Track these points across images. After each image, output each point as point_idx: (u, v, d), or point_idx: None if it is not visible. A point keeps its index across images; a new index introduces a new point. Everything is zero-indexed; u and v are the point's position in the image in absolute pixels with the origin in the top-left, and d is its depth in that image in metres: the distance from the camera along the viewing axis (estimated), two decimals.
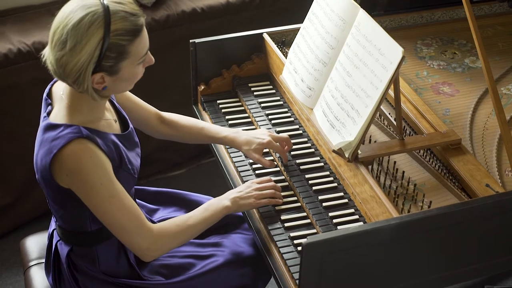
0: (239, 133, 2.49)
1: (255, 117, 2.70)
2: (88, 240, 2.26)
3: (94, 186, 2.06)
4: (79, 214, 2.20)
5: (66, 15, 1.99)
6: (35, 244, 2.57)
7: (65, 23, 1.98)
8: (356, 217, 2.26)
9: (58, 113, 2.12)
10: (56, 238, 2.34)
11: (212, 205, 2.29)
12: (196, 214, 2.26)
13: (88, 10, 1.97)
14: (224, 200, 2.30)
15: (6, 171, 3.49)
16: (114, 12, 1.98)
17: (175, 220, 2.24)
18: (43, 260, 2.49)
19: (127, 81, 2.11)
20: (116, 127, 2.23)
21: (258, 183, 2.36)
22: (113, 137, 2.16)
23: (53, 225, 2.39)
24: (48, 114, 2.13)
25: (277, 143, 2.47)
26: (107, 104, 2.25)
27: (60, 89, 2.18)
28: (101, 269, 2.29)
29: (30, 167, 3.47)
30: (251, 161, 2.54)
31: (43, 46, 3.33)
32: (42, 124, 2.12)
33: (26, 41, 3.35)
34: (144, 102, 2.49)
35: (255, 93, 2.82)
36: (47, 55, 2.05)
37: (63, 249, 2.30)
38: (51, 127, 2.08)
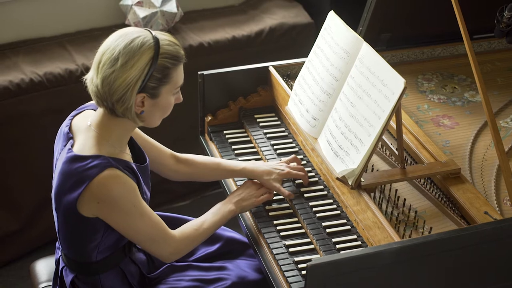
0: (257, 164, 2.57)
1: (260, 147, 2.77)
2: (93, 269, 2.32)
3: (127, 209, 2.16)
4: (88, 245, 2.25)
5: (116, 39, 2.11)
6: (44, 268, 2.62)
7: (116, 44, 2.10)
8: (359, 243, 2.31)
9: (84, 144, 2.18)
10: (62, 264, 2.40)
11: (219, 210, 2.42)
12: (208, 219, 2.39)
13: (138, 34, 2.12)
14: (228, 204, 2.43)
15: (15, 198, 3.54)
16: (162, 39, 2.13)
17: (192, 224, 2.37)
18: (51, 283, 2.54)
19: (161, 110, 2.21)
20: (131, 160, 2.30)
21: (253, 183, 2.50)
22: (134, 166, 2.24)
23: (59, 251, 2.44)
24: (71, 146, 2.19)
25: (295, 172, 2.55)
26: None
27: (81, 123, 2.25)
28: None
29: (38, 195, 3.54)
30: None
31: (54, 76, 3.42)
32: (66, 155, 2.17)
33: (38, 71, 3.42)
34: (157, 143, 2.53)
35: (260, 124, 2.88)
36: (90, 77, 2.15)
37: (68, 276, 2.36)
38: (78, 158, 2.15)
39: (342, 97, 2.48)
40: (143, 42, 2.10)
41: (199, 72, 2.87)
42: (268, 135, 2.82)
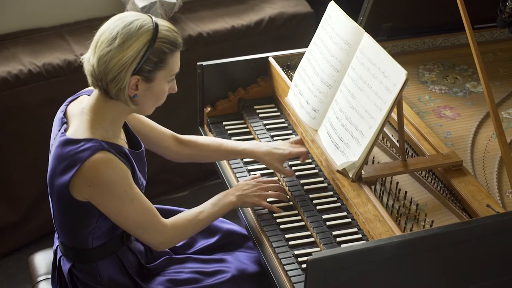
0: (258, 145, 2.57)
1: (260, 138, 2.75)
2: (89, 256, 2.31)
3: (118, 193, 2.15)
4: (83, 230, 2.25)
5: (115, 21, 2.14)
6: (43, 260, 2.61)
7: (115, 25, 2.12)
8: (359, 236, 2.30)
9: (77, 129, 2.18)
10: (60, 253, 2.39)
11: (219, 201, 2.39)
12: (206, 209, 2.37)
13: (138, 17, 2.15)
14: (230, 196, 2.40)
15: (14, 190, 3.53)
16: (161, 25, 2.15)
17: (187, 215, 2.35)
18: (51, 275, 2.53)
19: (155, 97, 2.21)
20: (126, 146, 2.30)
21: (265, 182, 2.45)
22: (127, 152, 2.23)
23: (56, 241, 2.43)
24: (65, 130, 2.20)
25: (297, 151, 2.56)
26: None
27: (76, 108, 2.25)
28: (103, 283, 2.34)
29: (38, 186, 3.54)
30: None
31: (53, 67, 3.41)
32: (59, 139, 2.18)
33: (36, 62, 3.41)
34: (158, 125, 2.53)
35: (260, 115, 2.87)
36: (87, 57, 2.16)
37: (66, 265, 2.35)
38: (70, 142, 2.15)
39: (343, 88, 2.45)
40: (142, 25, 2.12)
41: (198, 63, 2.85)
42: (267, 126, 2.81)
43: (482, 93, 2.85)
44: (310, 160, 2.62)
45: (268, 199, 2.46)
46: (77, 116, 2.22)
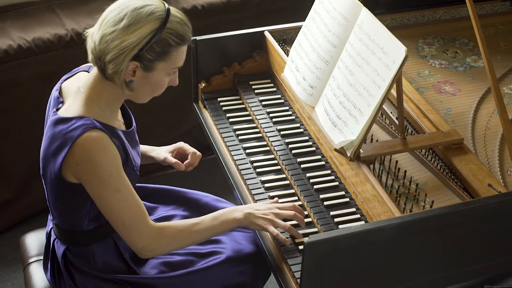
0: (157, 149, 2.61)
1: (255, 115, 2.70)
2: (84, 239, 2.27)
3: (103, 177, 2.08)
4: (78, 212, 2.20)
5: (129, 0, 2.08)
6: (34, 241, 2.57)
7: (126, 5, 2.07)
8: (358, 216, 2.25)
9: (70, 107, 2.13)
10: (53, 236, 2.35)
11: (223, 215, 2.25)
12: (203, 222, 2.23)
13: (152, 2, 2.08)
14: (237, 212, 2.24)
15: (6, 167, 3.49)
16: (173, 15, 2.09)
17: (179, 224, 2.23)
18: (42, 257, 2.49)
19: (151, 86, 2.16)
20: (122, 127, 2.26)
21: (280, 208, 2.26)
22: (120, 133, 2.17)
23: (50, 224, 2.39)
24: (58, 109, 2.14)
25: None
26: None
27: (72, 86, 2.20)
28: (97, 268, 2.30)
29: (29, 164, 3.49)
30: (252, 159, 2.53)
31: (43, 42, 3.34)
32: (51, 119, 2.13)
33: (26, 37, 3.35)
34: None
35: (256, 91, 2.82)
36: (92, 32, 2.11)
37: (59, 248, 2.31)
38: (62, 120, 2.09)
39: (341, 64, 2.39)
40: (153, 11, 2.06)
41: (192, 38, 2.78)
42: (263, 103, 2.76)
43: (483, 67, 2.80)
44: (307, 137, 2.57)
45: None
46: (72, 95, 2.17)
